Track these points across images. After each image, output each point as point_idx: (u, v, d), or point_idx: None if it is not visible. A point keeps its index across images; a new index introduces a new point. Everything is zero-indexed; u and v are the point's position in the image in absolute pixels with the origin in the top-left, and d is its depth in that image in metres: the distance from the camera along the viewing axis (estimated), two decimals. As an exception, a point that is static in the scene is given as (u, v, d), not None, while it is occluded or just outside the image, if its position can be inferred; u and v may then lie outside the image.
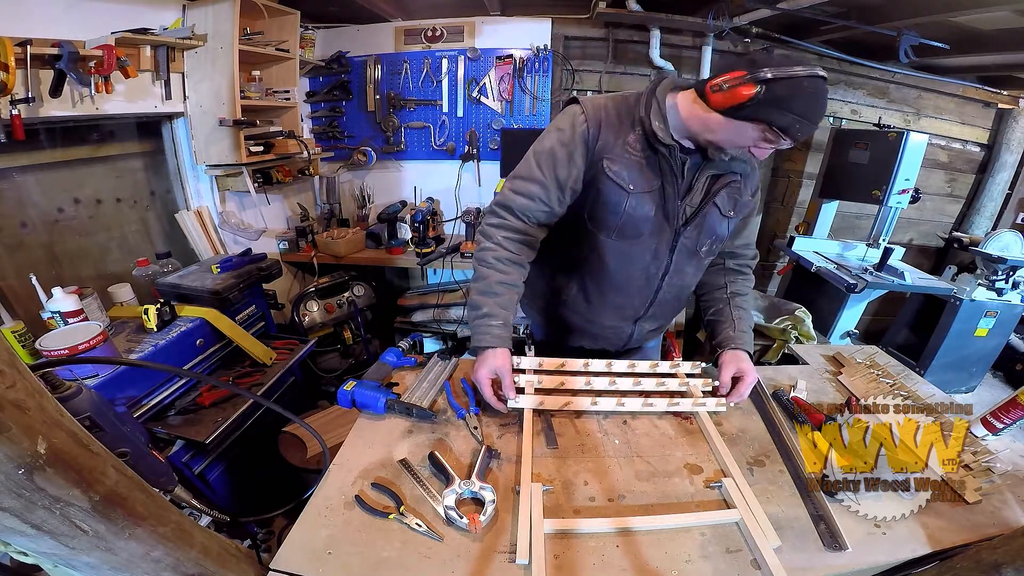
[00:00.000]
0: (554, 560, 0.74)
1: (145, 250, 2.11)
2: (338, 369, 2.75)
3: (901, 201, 2.40)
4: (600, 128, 1.06)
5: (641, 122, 1.05)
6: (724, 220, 1.14)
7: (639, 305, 1.24)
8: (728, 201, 1.13)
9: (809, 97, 0.90)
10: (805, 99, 0.90)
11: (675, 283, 1.21)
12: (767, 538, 0.75)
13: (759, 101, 0.90)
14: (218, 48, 2.06)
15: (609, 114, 1.07)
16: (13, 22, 1.47)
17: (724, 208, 1.13)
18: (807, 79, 0.89)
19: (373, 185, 3.11)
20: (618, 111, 1.07)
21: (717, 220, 1.13)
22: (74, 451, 0.48)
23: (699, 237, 1.15)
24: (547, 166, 1.08)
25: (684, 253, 1.16)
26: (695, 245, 1.16)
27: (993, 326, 2.61)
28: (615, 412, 1.08)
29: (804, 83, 0.89)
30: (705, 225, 1.13)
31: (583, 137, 1.06)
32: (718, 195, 1.10)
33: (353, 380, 1.09)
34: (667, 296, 1.23)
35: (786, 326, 2.53)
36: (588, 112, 1.07)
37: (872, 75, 2.93)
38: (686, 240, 1.14)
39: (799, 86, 0.89)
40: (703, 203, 1.10)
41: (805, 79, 0.89)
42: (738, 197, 1.14)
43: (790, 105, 0.90)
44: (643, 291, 1.21)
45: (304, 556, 0.73)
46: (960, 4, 1.92)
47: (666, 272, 1.18)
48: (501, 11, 2.70)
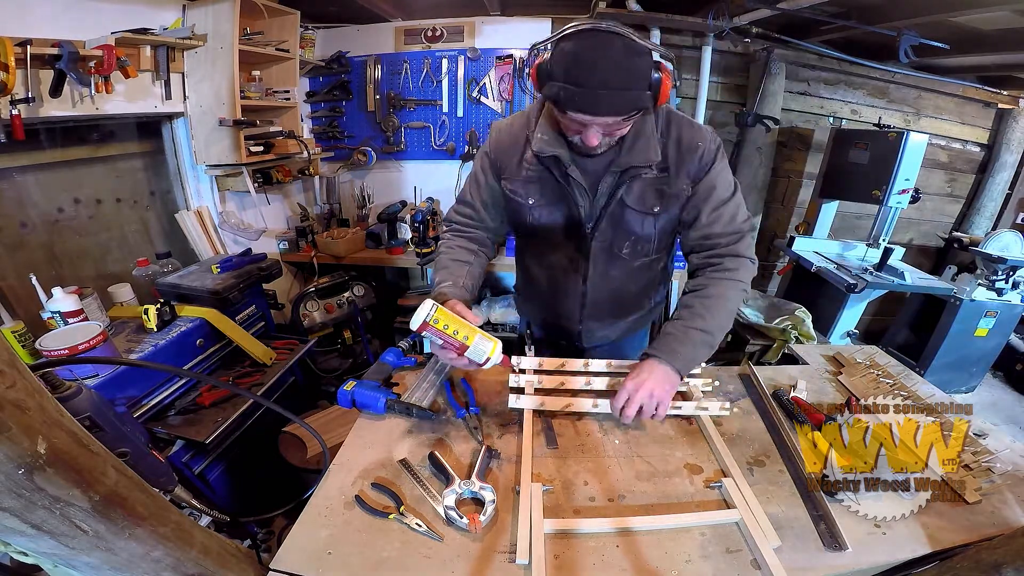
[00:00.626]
0: (554, 560, 0.74)
1: (145, 250, 2.11)
2: (338, 369, 2.75)
3: (901, 201, 2.40)
4: (497, 153, 1.15)
5: (528, 138, 1.07)
6: (646, 217, 1.10)
7: (572, 307, 1.27)
8: (650, 196, 1.07)
9: (569, 58, 0.82)
10: (565, 62, 0.82)
11: (602, 286, 1.21)
12: (767, 538, 0.75)
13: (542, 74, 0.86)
14: (218, 48, 2.06)
15: (503, 138, 1.14)
16: (13, 22, 1.47)
17: (642, 205, 1.08)
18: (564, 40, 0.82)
19: (373, 185, 3.11)
20: (512, 132, 1.13)
21: (634, 219, 1.10)
22: (74, 451, 0.48)
23: (615, 238, 1.14)
24: (472, 189, 1.21)
25: (602, 256, 1.16)
26: (612, 247, 1.15)
27: (993, 326, 2.61)
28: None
29: (562, 44, 0.82)
30: (619, 227, 1.12)
31: (489, 162, 1.16)
32: (627, 192, 1.06)
33: (353, 380, 1.09)
34: (599, 297, 1.23)
35: (786, 326, 2.53)
36: (491, 138, 1.17)
37: (872, 75, 2.93)
38: (599, 243, 1.14)
39: (558, 50, 0.83)
40: (607, 205, 1.09)
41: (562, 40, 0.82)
42: (665, 188, 1.07)
43: (554, 72, 0.83)
44: (570, 294, 1.25)
45: (304, 556, 0.73)
46: (960, 4, 1.92)
47: (586, 276, 1.19)
48: (501, 11, 2.70)
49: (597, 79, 0.82)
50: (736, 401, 1.14)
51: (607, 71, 0.82)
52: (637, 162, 1.03)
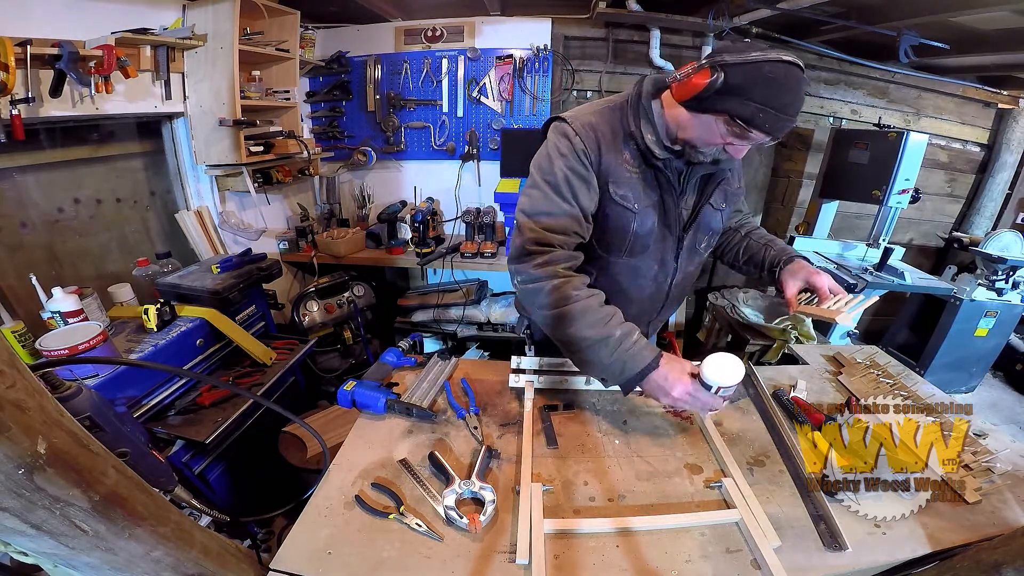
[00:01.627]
0: (554, 560, 0.74)
1: (145, 250, 2.11)
2: (338, 369, 2.75)
3: (901, 201, 2.40)
4: (600, 151, 1.00)
5: (632, 137, 1.01)
6: (717, 213, 1.15)
7: (651, 311, 1.25)
8: (719, 195, 1.13)
9: (772, 84, 0.84)
10: (767, 86, 0.84)
11: (681, 282, 1.22)
12: (767, 538, 0.75)
13: (717, 90, 0.86)
14: (218, 48, 2.06)
15: (603, 134, 1.00)
16: (13, 22, 1.47)
17: (717, 203, 1.13)
18: (768, 64, 0.84)
19: (373, 185, 3.11)
20: (611, 128, 1.02)
21: (712, 216, 1.14)
22: (74, 451, 0.48)
23: (697, 236, 1.15)
24: (569, 194, 0.99)
25: (686, 254, 1.16)
26: (695, 244, 1.16)
27: (993, 326, 2.61)
28: (615, 411, 1.08)
29: (765, 68, 0.84)
30: (703, 224, 1.14)
31: (588, 161, 1.00)
32: (711, 195, 1.10)
33: (353, 380, 1.09)
34: (676, 295, 1.25)
35: (786, 326, 2.53)
36: (583, 135, 0.99)
37: (872, 75, 2.93)
38: (687, 242, 1.14)
39: (758, 71, 0.84)
40: (698, 205, 1.10)
41: (766, 64, 0.84)
42: (728, 188, 1.14)
43: (750, 93, 0.84)
44: (655, 298, 1.22)
45: (304, 556, 0.73)
46: (960, 4, 1.91)
47: (674, 276, 1.18)
48: (501, 11, 2.70)
49: (792, 109, 0.87)
50: (736, 401, 1.14)
51: (798, 103, 0.88)
52: (725, 166, 1.07)
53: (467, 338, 2.95)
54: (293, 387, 2.03)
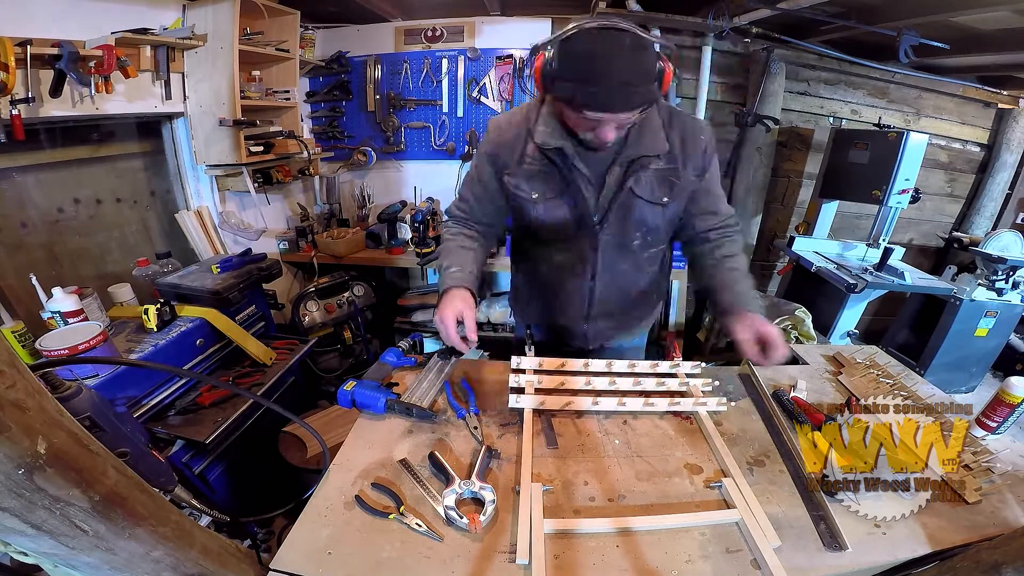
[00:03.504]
0: (554, 560, 0.74)
1: (145, 250, 2.11)
2: (338, 369, 2.75)
3: (901, 201, 2.40)
4: (497, 148, 1.12)
5: (529, 132, 1.06)
6: (656, 208, 1.11)
7: (579, 305, 1.25)
8: (659, 187, 1.09)
9: (580, 58, 0.82)
10: (576, 60, 0.82)
11: (611, 281, 1.21)
12: (767, 538, 0.75)
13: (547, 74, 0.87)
14: (218, 48, 2.06)
15: (504, 132, 1.12)
16: (13, 22, 1.47)
17: (652, 196, 1.09)
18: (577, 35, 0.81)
19: (373, 185, 3.11)
20: (512, 127, 1.11)
21: (646, 209, 1.11)
22: (74, 451, 0.48)
23: (625, 231, 1.13)
24: (470, 185, 1.21)
25: (611, 250, 1.15)
26: (623, 240, 1.14)
27: (993, 326, 2.60)
28: (615, 412, 1.08)
29: (572, 42, 0.82)
30: (631, 218, 1.11)
31: (488, 158, 1.14)
32: (636, 183, 1.07)
33: (353, 380, 1.09)
34: (608, 295, 1.23)
35: (786, 326, 2.53)
36: (490, 133, 1.15)
37: (872, 75, 2.93)
38: (608, 237, 1.13)
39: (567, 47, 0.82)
40: (616, 195, 1.08)
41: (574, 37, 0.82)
42: (674, 179, 1.09)
43: (564, 71, 0.83)
44: (578, 292, 1.23)
45: (304, 556, 0.73)
46: (960, 4, 1.92)
47: (595, 271, 1.18)
48: (501, 11, 2.70)
49: (613, 77, 0.82)
50: (736, 401, 1.14)
51: (621, 68, 0.82)
52: (647, 151, 1.04)
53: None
54: (293, 387, 2.03)
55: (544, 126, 1.03)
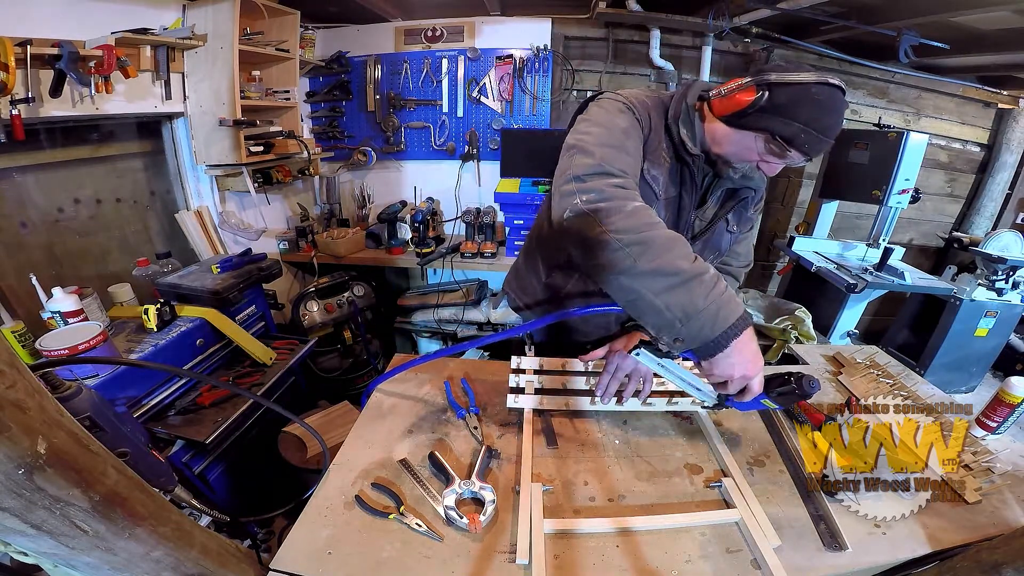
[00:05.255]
0: (554, 560, 0.74)
1: (145, 250, 2.11)
2: (338, 369, 2.75)
3: (901, 201, 2.40)
4: (649, 127, 0.99)
5: (668, 129, 1.01)
6: (728, 235, 1.14)
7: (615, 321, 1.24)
8: (734, 216, 1.11)
9: (817, 105, 0.84)
10: (812, 107, 0.84)
11: None
12: (767, 538, 0.75)
13: (760, 108, 0.85)
14: (218, 48, 2.06)
15: (652, 114, 1.00)
16: (13, 22, 1.47)
17: (730, 224, 1.12)
18: (816, 86, 0.84)
19: (373, 185, 3.11)
20: (657, 112, 1.01)
21: (724, 236, 1.13)
22: (74, 451, 0.48)
23: (703, 252, 1.11)
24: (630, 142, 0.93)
25: None
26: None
27: (993, 326, 2.60)
28: (615, 412, 1.08)
29: (812, 90, 0.84)
30: (711, 240, 1.12)
31: (640, 125, 0.97)
32: (729, 213, 1.08)
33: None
34: None
35: (786, 326, 2.53)
36: (637, 108, 0.97)
37: (872, 75, 2.93)
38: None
39: (805, 93, 0.84)
40: (715, 218, 1.09)
41: (813, 86, 0.84)
42: (743, 212, 1.13)
43: (794, 113, 0.84)
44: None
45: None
46: (960, 4, 1.92)
47: None
48: (501, 11, 2.70)
49: (832, 133, 0.87)
50: (736, 401, 1.14)
51: (838, 127, 0.88)
52: (752, 184, 1.06)
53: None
54: (293, 387, 2.03)
55: (685, 130, 0.98)
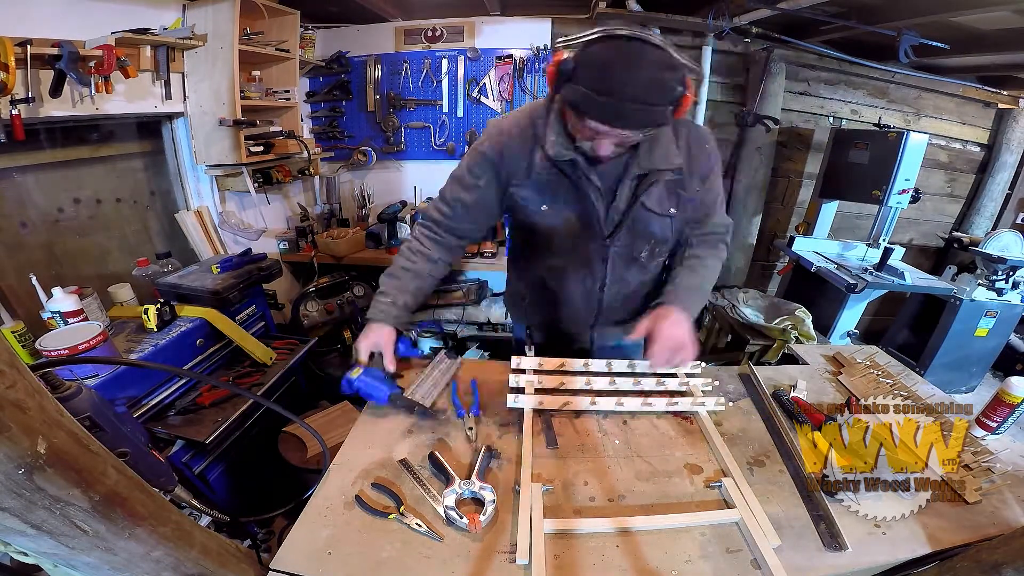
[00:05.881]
0: (554, 560, 0.74)
1: (145, 250, 2.11)
2: (338, 369, 2.75)
3: (901, 201, 2.40)
4: (502, 155, 1.05)
5: (537, 139, 1.00)
6: (663, 219, 1.09)
7: (586, 315, 1.24)
8: (667, 199, 1.07)
9: (596, 66, 0.77)
10: (592, 68, 0.77)
11: (618, 291, 1.19)
12: (767, 538, 0.75)
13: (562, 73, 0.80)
14: (218, 48, 2.06)
15: (512, 139, 1.04)
16: (13, 22, 1.46)
17: (661, 208, 1.07)
18: (598, 43, 0.76)
19: (373, 185, 3.11)
20: (521, 132, 1.04)
21: (654, 222, 1.08)
22: (74, 451, 0.48)
23: (634, 243, 1.11)
24: (457, 189, 1.12)
25: (620, 261, 1.13)
26: (631, 252, 1.12)
27: (993, 326, 2.61)
28: (615, 412, 1.08)
29: (592, 48, 0.77)
30: (638, 230, 1.09)
31: (489, 164, 1.06)
32: (647, 196, 1.04)
33: (359, 367, 1.07)
34: (614, 303, 1.21)
35: (786, 326, 2.53)
36: (492, 139, 1.06)
37: (872, 75, 2.93)
38: (618, 248, 1.10)
39: (585, 53, 0.78)
40: (628, 209, 1.05)
41: (595, 43, 0.77)
42: (681, 190, 1.07)
43: (578, 77, 0.78)
44: (586, 302, 1.21)
45: (304, 556, 0.73)
46: (960, 4, 1.92)
47: (603, 283, 1.16)
48: (501, 11, 2.70)
49: (626, 92, 0.78)
50: (736, 401, 1.14)
51: (637, 85, 0.78)
52: (660, 165, 1.01)
53: (467, 338, 2.95)
54: (293, 387, 2.03)
55: (555, 135, 0.98)
